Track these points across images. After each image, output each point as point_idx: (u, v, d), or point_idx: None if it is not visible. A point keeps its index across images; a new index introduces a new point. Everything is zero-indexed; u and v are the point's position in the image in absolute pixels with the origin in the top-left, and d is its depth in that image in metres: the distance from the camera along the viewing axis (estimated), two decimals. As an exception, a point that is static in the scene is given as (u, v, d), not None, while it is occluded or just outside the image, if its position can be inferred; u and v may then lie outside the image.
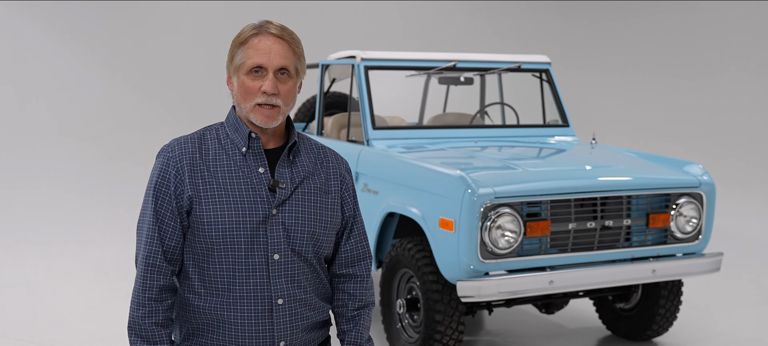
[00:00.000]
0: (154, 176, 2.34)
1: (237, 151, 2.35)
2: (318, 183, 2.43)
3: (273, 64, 2.30)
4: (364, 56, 5.81)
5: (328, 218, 2.43)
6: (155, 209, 2.32)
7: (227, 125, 2.40)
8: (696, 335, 5.87)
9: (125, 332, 5.84)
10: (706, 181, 5.14)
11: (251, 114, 2.32)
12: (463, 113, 6.69)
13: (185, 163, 2.32)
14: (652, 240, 5.03)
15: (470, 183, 4.52)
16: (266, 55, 2.29)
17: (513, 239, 4.58)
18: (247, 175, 2.33)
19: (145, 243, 2.33)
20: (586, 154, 5.53)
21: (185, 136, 2.40)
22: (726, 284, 7.19)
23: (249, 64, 2.30)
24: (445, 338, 4.84)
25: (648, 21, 12.15)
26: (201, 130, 2.43)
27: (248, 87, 2.31)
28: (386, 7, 11.97)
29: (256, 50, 2.30)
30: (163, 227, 2.31)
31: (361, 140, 5.72)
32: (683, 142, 11.13)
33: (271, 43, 2.30)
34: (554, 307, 5.46)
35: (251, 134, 2.35)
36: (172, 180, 2.31)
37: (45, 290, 6.93)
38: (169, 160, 2.33)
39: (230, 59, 2.36)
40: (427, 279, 4.83)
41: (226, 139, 2.37)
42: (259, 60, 2.29)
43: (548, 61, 6.40)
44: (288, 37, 2.34)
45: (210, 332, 2.34)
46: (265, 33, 2.31)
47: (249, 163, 2.34)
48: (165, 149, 2.36)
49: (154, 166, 2.36)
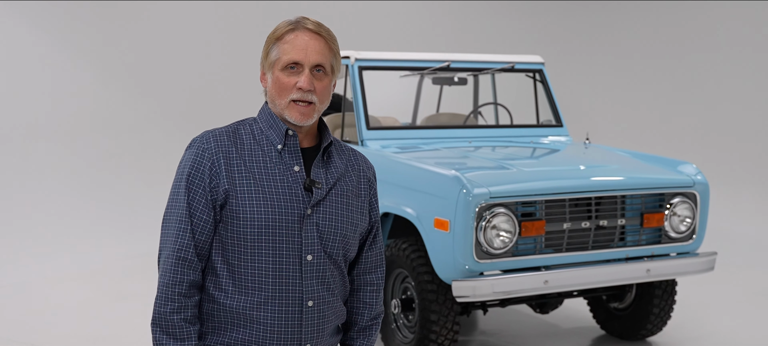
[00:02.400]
0: (187, 167, 2.26)
1: (272, 148, 2.30)
2: (350, 186, 2.40)
3: (309, 61, 2.25)
4: (358, 56, 5.81)
5: (359, 222, 2.40)
6: (188, 201, 2.24)
7: (261, 121, 2.35)
8: (690, 334, 5.88)
9: (118, 332, 5.85)
10: (700, 180, 5.16)
11: (286, 111, 2.28)
12: (456, 113, 6.69)
13: (221, 156, 2.26)
14: (647, 240, 5.04)
15: (465, 183, 4.52)
16: (303, 52, 2.25)
17: (508, 239, 4.58)
18: (283, 172, 2.28)
19: (174, 236, 2.24)
20: (580, 154, 5.54)
21: (218, 128, 2.34)
22: (720, 283, 7.20)
23: (285, 60, 2.26)
24: (440, 337, 4.84)
25: (642, 21, 12.17)
26: (235, 124, 2.36)
27: (283, 83, 2.27)
28: (380, 7, 11.97)
29: (292, 46, 2.26)
30: (195, 220, 2.24)
31: (356, 140, 5.72)
32: (677, 141, 11.15)
33: (308, 40, 2.26)
34: (549, 307, 5.47)
35: (288, 131, 2.30)
36: (206, 172, 2.25)
37: (38, 290, 6.91)
38: (203, 152, 2.27)
39: (265, 55, 2.31)
40: (422, 279, 4.83)
41: (261, 135, 2.32)
42: (295, 56, 2.25)
43: (541, 61, 6.41)
44: (325, 33, 2.30)
45: (234, 331, 2.27)
46: (301, 29, 2.28)
47: (285, 160, 2.29)
48: (198, 140, 2.30)
49: (185, 158, 2.29)
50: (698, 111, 11.32)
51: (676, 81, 11.66)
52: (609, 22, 12.52)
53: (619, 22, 12.41)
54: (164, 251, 2.27)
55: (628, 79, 12.20)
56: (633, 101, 12.06)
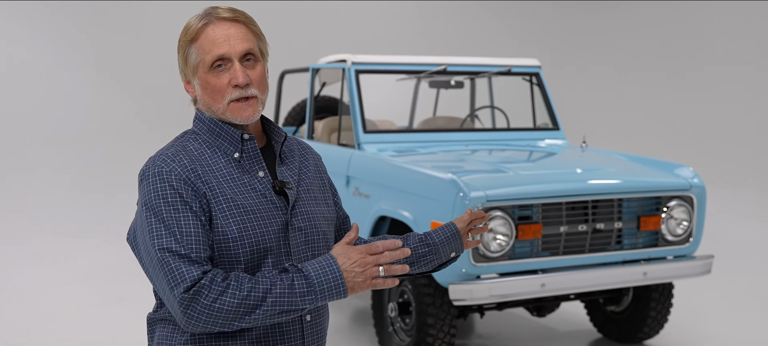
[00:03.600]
0: (155, 195, 1.96)
1: (229, 158, 2.06)
2: (311, 177, 2.22)
3: (236, 51, 2.02)
4: (355, 60, 5.81)
5: (330, 215, 2.24)
6: (176, 227, 1.94)
7: (203, 133, 2.09)
8: (687, 337, 5.88)
9: (115, 335, 5.84)
10: (697, 184, 5.16)
11: (227, 114, 2.04)
12: (453, 117, 6.69)
13: (190, 173, 2.00)
14: (643, 243, 5.04)
15: (462, 186, 4.52)
16: (226, 43, 2.01)
17: (504, 243, 4.58)
18: (250, 182, 2.06)
19: (171, 271, 1.91)
20: (577, 158, 5.54)
21: (164, 151, 2.04)
22: (717, 286, 7.21)
23: (208, 60, 2.01)
24: (437, 341, 4.84)
25: (638, 24, 12.18)
26: (179, 142, 2.08)
27: (215, 85, 2.03)
28: (376, 10, 11.97)
29: (211, 42, 2.02)
30: (186, 244, 1.93)
31: (352, 144, 5.71)
32: (674, 144, 11.16)
33: (227, 29, 2.02)
34: (546, 310, 5.47)
35: (244, 135, 2.08)
36: (182, 191, 1.97)
37: (34, 294, 6.90)
38: (168, 174, 1.98)
39: (184, 61, 2.07)
40: (418, 282, 4.83)
41: (212, 146, 2.07)
42: (218, 51, 2.01)
43: (538, 65, 6.41)
44: (243, 17, 2.06)
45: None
46: (215, 20, 2.03)
47: (245, 168, 2.07)
48: (153, 166, 2.00)
49: (148, 189, 1.98)
50: (695, 114, 11.33)
51: (673, 84, 11.68)
52: (605, 26, 12.53)
53: (616, 26, 12.43)
54: (167, 290, 1.92)
55: (625, 83, 12.21)
56: (630, 104, 12.08)
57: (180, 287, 1.88)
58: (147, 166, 2.01)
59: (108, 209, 9.40)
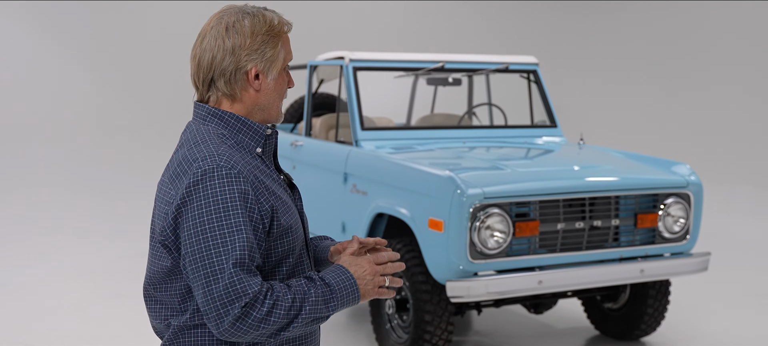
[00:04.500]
0: (219, 196, 1.91)
1: (253, 153, 2.05)
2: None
3: None
4: (353, 57, 5.81)
5: None
6: (247, 240, 1.92)
7: (225, 128, 2.05)
8: (684, 334, 5.90)
9: (114, 332, 5.84)
10: (694, 181, 5.17)
11: (276, 112, 2.10)
12: (451, 114, 6.70)
13: (248, 176, 1.97)
14: (640, 240, 5.05)
15: (459, 183, 4.53)
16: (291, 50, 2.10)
17: (502, 240, 4.59)
18: (275, 175, 2.08)
19: (224, 263, 1.89)
20: (574, 155, 5.55)
21: (217, 150, 1.97)
22: (713, 283, 7.22)
23: (288, 60, 2.08)
24: (435, 338, 4.85)
25: (636, 21, 12.19)
26: (213, 136, 2.03)
27: (284, 86, 2.10)
28: (374, 7, 11.97)
29: (289, 45, 2.08)
30: (248, 237, 1.92)
31: (350, 141, 5.72)
32: (671, 142, 11.17)
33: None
34: (543, 307, 5.48)
35: (267, 131, 2.08)
36: (250, 193, 1.94)
37: (33, 291, 6.90)
38: (237, 176, 1.93)
39: (274, 53, 2.04)
40: (416, 279, 4.84)
41: (237, 144, 2.04)
42: (291, 57, 2.09)
43: (536, 62, 6.42)
44: None
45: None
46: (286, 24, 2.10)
47: (266, 163, 2.09)
48: (218, 166, 1.93)
49: (213, 190, 1.91)
50: (692, 112, 11.34)
51: (670, 82, 11.69)
52: (603, 23, 12.54)
53: (613, 23, 12.43)
54: (222, 301, 1.89)
55: (623, 80, 12.22)
56: (627, 102, 12.08)
57: (240, 302, 1.87)
58: (209, 166, 1.93)
59: (110, 205, 9.40)
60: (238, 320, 1.87)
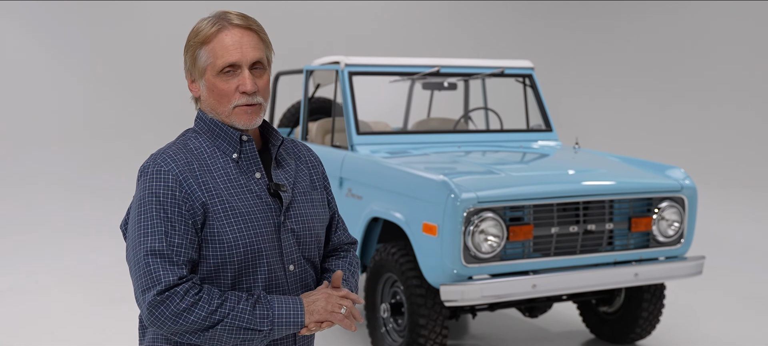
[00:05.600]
0: (149, 194, 2.01)
1: (227, 158, 2.11)
2: (306, 180, 2.25)
3: (247, 59, 2.06)
4: (349, 62, 5.83)
5: (323, 216, 2.27)
6: (165, 231, 1.99)
7: (202, 132, 2.14)
8: (679, 338, 5.91)
9: (111, 337, 5.84)
10: (688, 185, 5.18)
11: (232, 117, 2.08)
12: (446, 118, 6.71)
13: (187, 174, 2.04)
14: (635, 244, 5.06)
15: (453, 188, 4.54)
16: (238, 51, 2.05)
17: (496, 244, 4.60)
18: (246, 183, 2.10)
19: (152, 268, 1.97)
20: (569, 159, 5.56)
21: (166, 148, 2.10)
22: (708, 287, 7.23)
23: (220, 64, 2.05)
24: (429, 342, 4.86)
25: (631, 25, 12.22)
26: (180, 139, 2.14)
27: (222, 89, 2.06)
28: (370, 12, 11.99)
29: (223, 47, 2.05)
30: (176, 249, 1.98)
31: (346, 145, 5.73)
32: (665, 146, 11.19)
33: (240, 36, 2.06)
34: (538, 311, 5.49)
35: (243, 137, 2.12)
36: (177, 193, 2.01)
37: (30, 295, 6.90)
38: (166, 174, 2.03)
39: (192, 61, 2.10)
40: (411, 283, 4.85)
41: (212, 146, 2.12)
42: (230, 58, 2.04)
43: (531, 66, 6.43)
44: (255, 26, 2.11)
45: None
46: (229, 26, 2.07)
47: (243, 169, 2.11)
48: (153, 165, 2.05)
49: (144, 186, 2.03)
50: (687, 116, 11.36)
51: (665, 86, 11.71)
52: (598, 28, 12.57)
53: (609, 27, 12.46)
54: (140, 289, 1.98)
55: (618, 84, 12.24)
56: (622, 106, 12.11)
57: (154, 289, 1.95)
58: (147, 163, 2.07)
59: (107, 209, 9.40)
60: (154, 308, 1.94)
